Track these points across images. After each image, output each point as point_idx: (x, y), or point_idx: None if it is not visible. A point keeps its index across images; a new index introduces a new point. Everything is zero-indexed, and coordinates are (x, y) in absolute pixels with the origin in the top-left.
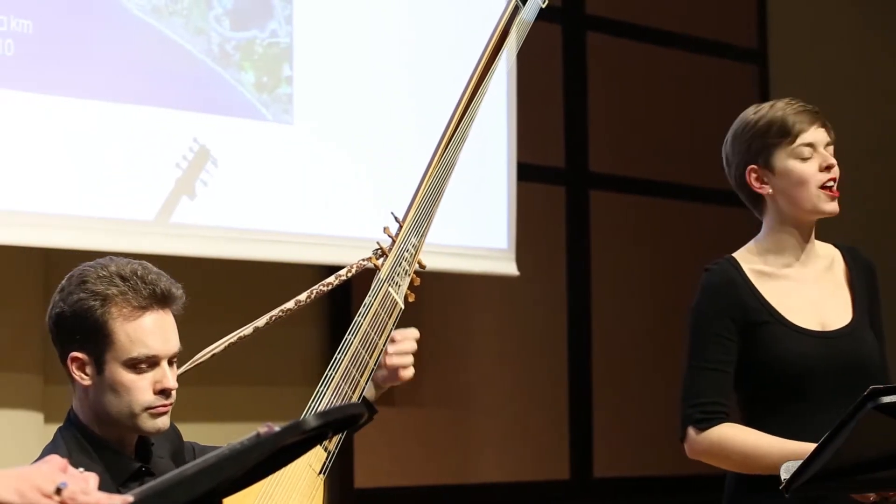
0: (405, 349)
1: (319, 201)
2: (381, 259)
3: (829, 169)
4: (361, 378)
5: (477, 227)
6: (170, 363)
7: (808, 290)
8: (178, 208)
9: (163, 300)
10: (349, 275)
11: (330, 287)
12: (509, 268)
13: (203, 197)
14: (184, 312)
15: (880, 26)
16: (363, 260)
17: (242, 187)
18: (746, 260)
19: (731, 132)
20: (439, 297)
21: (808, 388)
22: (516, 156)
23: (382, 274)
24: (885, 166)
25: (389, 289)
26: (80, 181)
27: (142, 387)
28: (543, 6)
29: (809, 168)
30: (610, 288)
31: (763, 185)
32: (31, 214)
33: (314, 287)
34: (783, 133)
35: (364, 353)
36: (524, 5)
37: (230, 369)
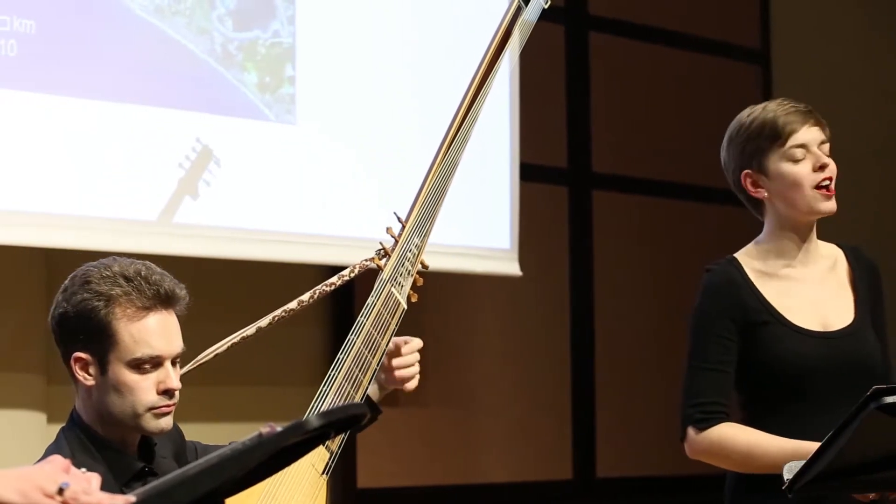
0: (408, 362)
1: (321, 201)
2: (384, 259)
3: (822, 168)
4: (364, 378)
5: (480, 228)
6: (173, 363)
7: (809, 290)
8: (181, 208)
9: (167, 301)
10: (352, 275)
11: (333, 287)
12: (512, 268)
13: (206, 197)
14: (187, 312)
15: (884, 27)
16: (366, 260)
17: (245, 187)
18: (747, 260)
19: (727, 136)
20: (442, 298)
21: (808, 389)
22: (519, 156)
23: (385, 274)
24: (888, 167)
25: (392, 289)
26: (82, 181)
27: (145, 387)
28: (546, 6)
29: (803, 169)
30: (613, 288)
31: (759, 190)
32: (34, 214)
33: (317, 287)
34: (774, 135)
35: (367, 354)
36: (527, 6)
37: (233, 369)
